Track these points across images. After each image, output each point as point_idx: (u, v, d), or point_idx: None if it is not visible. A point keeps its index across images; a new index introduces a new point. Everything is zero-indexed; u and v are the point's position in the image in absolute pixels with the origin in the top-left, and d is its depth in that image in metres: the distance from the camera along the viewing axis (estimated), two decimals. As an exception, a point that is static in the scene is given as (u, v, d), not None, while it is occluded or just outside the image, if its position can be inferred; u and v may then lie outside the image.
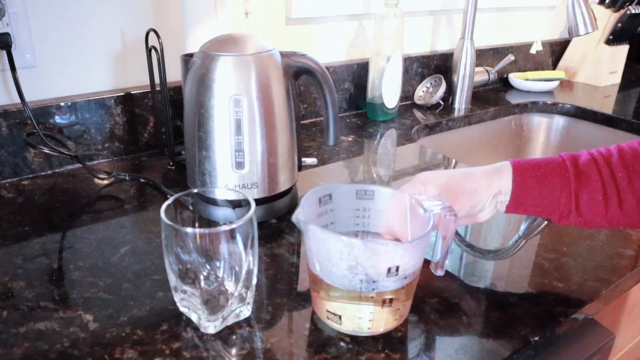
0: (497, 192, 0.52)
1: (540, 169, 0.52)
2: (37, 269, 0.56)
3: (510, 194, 0.52)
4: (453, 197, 0.51)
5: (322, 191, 0.50)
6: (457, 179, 0.53)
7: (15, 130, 0.75)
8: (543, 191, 0.51)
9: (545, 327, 0.49)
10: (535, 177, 0.52)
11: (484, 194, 0.52)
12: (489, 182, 0.52)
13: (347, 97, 1.12)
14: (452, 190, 0.52)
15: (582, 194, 0.50)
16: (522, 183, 0.52)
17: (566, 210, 0.51)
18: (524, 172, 0.52)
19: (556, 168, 0.52)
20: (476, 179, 0.53)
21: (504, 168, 0.53)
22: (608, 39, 1.40)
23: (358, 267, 0.43)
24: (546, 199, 0.51)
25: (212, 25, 0.76)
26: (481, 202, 0.52)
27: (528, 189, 0.52)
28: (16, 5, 0.73)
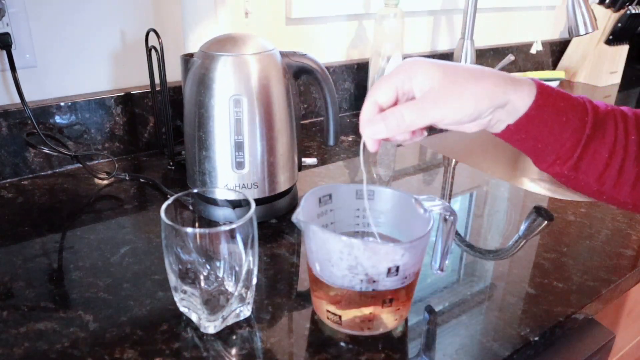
0: (502, 105, 0.43)
1: (563, 100, 0.44)
2: (37, 269, 0.56)
3: (519, 115, 0.43)
4: (444, 98, 0.41)
5: (322, 191, 0.50)
6: (459, 77, 0.42)
7: (15, 130, 0.75)
8: (555, 126, 0.43)
9: (545, 327, 0.49)
10: (555, 107, 0.43)
11: (487, 102, 0.42)
12: (502, 90, 0.42)
13: (347, 97, 1.12)
14: (447, 90, 0.42)
15: (591, 145, 0.43)
16: (540, 108, 0.43)
17: (565, 157, 0.44)
18: (547, 97, 0.43)
19: (578, 106, 0.44)
20: (484, 80, 0.42)
21: (525, 83, 0.43)
22: (608, 39, 1.40)
23: (358, 267, 0.43)
24: (553, 136, 0.44)
25: (212, 25, 0.76)
26: (479, 110, 0.42)
27: (542, 118, 0.43)
28: (16, 5, 0.73)
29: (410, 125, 0.42)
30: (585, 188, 0.46)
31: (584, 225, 0.68)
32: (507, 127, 0.44)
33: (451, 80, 0.41)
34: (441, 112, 0.41)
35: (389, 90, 0.43)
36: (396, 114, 0.42)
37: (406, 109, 0.42)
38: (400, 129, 0.42)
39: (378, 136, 0.43)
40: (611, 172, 0.44)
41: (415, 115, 0.41)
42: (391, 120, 0.42)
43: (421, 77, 0.42)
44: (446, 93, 0.41)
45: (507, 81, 0.42)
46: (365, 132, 0.43)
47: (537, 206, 0.73)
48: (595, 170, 0.44)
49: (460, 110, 0.41)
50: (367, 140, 0.44)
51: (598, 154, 0.44)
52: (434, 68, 0.42)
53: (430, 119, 0.42)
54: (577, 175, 0.45)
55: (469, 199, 0.77)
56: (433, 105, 0.41)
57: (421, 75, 0.42)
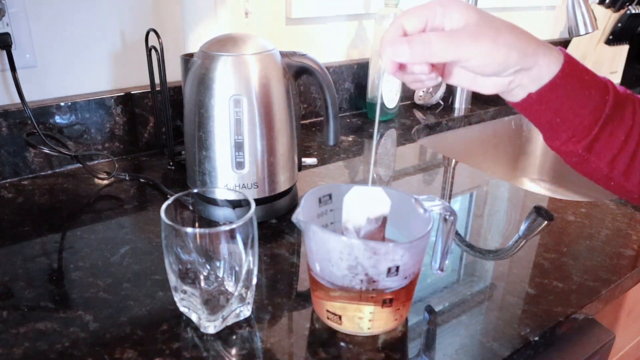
0: (529, 67, 0.41)
1: (588, 74, 0.42)
2: (37, 269, 0.56)
3: (543, 83, 0.41)
4: (478, 37, 0.39)
5: (322, 191, 0.50)
6: (496, 23, 0.40)
7: (15, 130, 0.75)
8: (577, 100, 0.41)
9: (545, 327, 0.49)
10: (580, 79, 0.42)
11: (517, 55, 0.40)
12: (534, 49, 0.40)
13: (347, 97, 1.12)
14: (482, 30, 0.39)
15: (609, 125, 0.42)
16: (566, 78, 0.41)
17: (581, 135, 0.42)
18: (574, 67, 0.42)
19: (600, 84, 0.42)
20: (519, 34, 0.40)
21: (554, 49, 0.42)
22: (608, 39, 1.40)
23: (358, 267, 0.43)
24: (573, 111, 0.42)
25: (212, 25, 0.76)
26: (507, 61, 0.40)
27: (566, 88, 0.41)
28: (16, 5, 0.73)
29: (435, 54, 0.39)
30: (595, 172, 0.45)
31: (584, 225, 0.68)
32: (528, 95, 0.43)
33: (488, 23, 0.39)
34: (471, 50, 0.39)
35: (419, 18, 0.40)
36: (424, 38, 0.39)
37: (436, 36, 0.39)
38: (425, 56, 0.39)
39: (399, 58, 0.40)
40: (624, 157, 0.43)
41: (445, 45, 0.39)
42: (417, 44, 0.39)
43: (457, 14, 0.39)
44: (482, 32, 0.39)
45: (539, 42, 0.41)
46: (387, 51, 0.40)
47: (537, 206, 0.73)
48: (609, 153, 0.43)
49: (490, 55, 0.39)
50: (386, 61, 0.41)
51: (614, 136, 0.42)
52: (471, 9, 0.40)
53: (459, 53, 0.39)
54: (590, 157, 0.43)
55: (469, 199, 0.77)
56: (465, 40, 0.39)
57: (457, 12, 0.39)
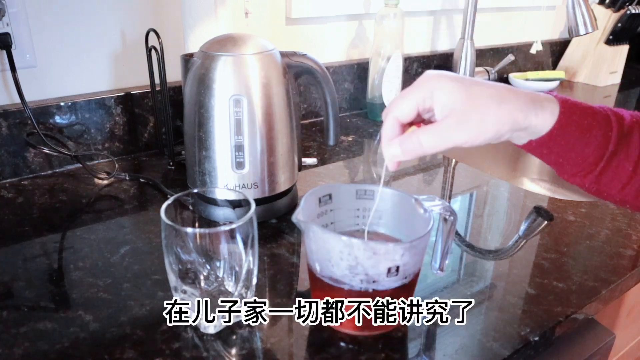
0: (524, 128, 0.42)
1: (587, 117, 0.43)
2: (37, 269, 0.56)
3: (541, 134, 0.43)
4: (465, 123, 0.41)
5: (322, 191, 0.50)
6: (482, 100, 0.41)
7: (15, 130, 0.75)
8: (578, 143, 0.43)
9: (545, 327, 0.49)
10: (579, 125, 0.42)
11: (507, 127, 0.41)
12: (525, 114, 0.41)
13: (347, 97, 1.12)
14: (468, 114, 0.40)
15: (614, 160, 0.43)
16: (563, 128, 0.42)
17: (587, 170, 0.44)
18: (571, 115, 0.42)
19: (602, 122, 0.43)
20: (507, 104, 0.41)
21: (547, 102, 0.43)
22: (608, 39, 1.40)
23: (358, 267, 0.43)
24: (576, 151, 0.43)
25: (212, 25, 0.76)
26: (499, 134, 0.41)
27: (565, 136, 0.43)
28: (16, 5, 0.73)
29: (427, 151, 0.42)
30: (608, 197, 0.46)
31: (584, 225, 0.68)
32: (529, 141, 0.44)
33: (473, 104, 0.41)
34: (461, 137, 0.41)
35: (410, 106, 0.43)
36: (414, 140, 0.42)
37: (424, 135, 0.42)
38: (417, 154, 0.43)
39: (396, 159, 0.44)
40: (635, 185, 0.44)
41: (434, 141, 0.41)
42: (408, 146, 0.43)
43: (443, 97, 0.41)
44: (467, 118, 0.40)
45: (529, 104, 0.42)
46: (385, 153, 0.44)
47: (537, 206, 0.73)
48: (618, 183, 0.44)
49: (480, 136, 0.41)
50: (387, 161, 0.45)
51: (622, 168, 0.43)
52: (457, 88, 0.41)
53: (449, 144, 0.41)
54: (599, 187, 0.45)
55: (469, 199, 0.77)
56: (453, 131, 0.41)
57: (443, 95, 0.41)
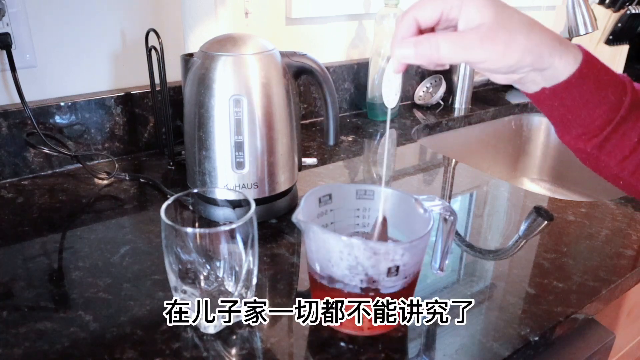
0: (544, 68, 0.40)
1: (607, 73, 0.41)
2: (37, 269, 0.56)
3: (559, 81, 0.40)
4: (490, 41, 0.38)
5: (322, 191, 0.50)
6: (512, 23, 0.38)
7: (15, 130, 0.75)
8: (592, 100, 0.41)
9: (545, 327, 0.49)
10: (597, 80, 0.40)
11: (531, 59, 0.39)
12: (550, 50, 0.39)
13: (347, 97, 1.12)
14: (496, 33, 0.38)
15: (622, 127, 0.41)
16: (583, 78, 0.40)
17: (592, 133, 0.42)
18: (592, 67, 0.41)
19: (618, 84, 0.41)
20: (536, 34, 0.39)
21: (572, 47, 0.40)
22: (608, 39, 1.40)
23: (358, 267, 0.43)
24: (587, 110, 0.41)
25: (212, 25, 0.76)
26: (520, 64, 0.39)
27: (582, 88, 0.40)
28: (16, 5, 0.73)
29: (443, 59, 0.39)
30: (604, 169, 0.44)
31: (584, 225, 0.68)
32: (541, 89, 0.42)
33: (503, 24, 0.38)
34: (482, 55, 0.38)
35: (434, 11, 0.39)
36: (432, 42, 0.38)
37: (445, 40, 0.38)
38: (432, 59, 0.39)
39: (406, 60, 0.40)
40: (635, 159, 0.42)
41: (453, 50, 0.38)
42: (424, 49, 0.39)
43: (473, 9, 0.38)
44: (494, 36, 0.38)
45: (556, 41, 0.39)
46: (395, 52, 0.40)
47: (537, 206, 0.73)
48: (620, 153, 0.42)
49: (502, 59, 0.38)
50: (393, 60, 0.41)
51: (626, 138, 0.42)
52: (488, 3, 0.38)
53: (468, 58, 0.39)
54: (599, 155, 0.43)
55: (469, 199, 0.77)
56: (476, 44, 0.38)
57: (473, 7, 0.38)
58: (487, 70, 0.40)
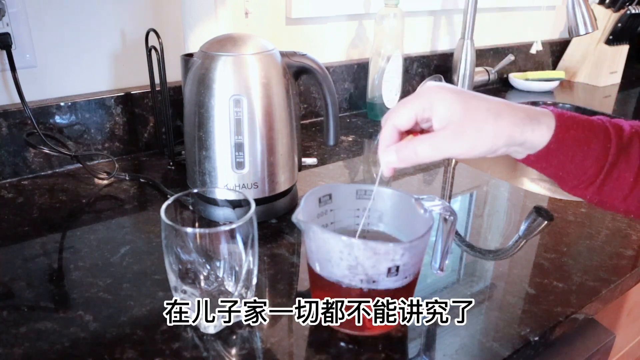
0: (520, 143, 0.43)
1: (584, 130, 0.43)
2: (37, 269, 0.56)
3: (538, 149, 0.43)
4: (461, 135, 0.41)
5: (322, 191, 0.50)
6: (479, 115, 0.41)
7: (15, 130, 0.75)
8: (577, 156, 0.43)
9: (545, 327, 0.49)
10: (576, 139, 0.43)
11: (503, 141, 0.42)
12: (520, 130, 0.42)
13: (347, 97, 1.12)
14: (465, 128, 0.41)
15: (614, 171, 0.43)
16: (560, 142, 0.43)
17: (587, 182, 0.44)
18: (568, 130, 0.43)
19: (600, 134, 0.43)
20: (503, 119, 0.42)
21: (544, 117, 0.43)
22: (608, 39, 1.40)
23: (358, 267, 0.43)
24: (575, 164, 0.43)
25: (212, 25, 0.76)
26: (494, 148, 0.42)
27: (562, 150, 0.43)
28: (16, 5, 0.73)
29: (422, 160, 0.43)
30: (612, 208, 0.46)
31: (584, 225, 0.68)
32: (527, 156, 0.45)
33: (470, 118, 0.41)
34: (455, 150, 0.42)
35: (408, 116, 0.44)
36: (410, 148, 0.43)
37: (420, 144, 0.43)
38: (412, 162, 0.44)
39: (392, 166, 0.45)
40: (637, 194, 0.44)
41: (429, 152, 0.42)
42: (404, 153, 0.43)
43: (442, 108, 0.42)
44: (463, 131, 0.41)
45: (525, 120, 0.42)
46: (381, 160, 0.45)
47: (537, 206, 0.73)
48: (620, 194, 0.44)
49: (475, 149, 0.42)
50: (383, 167, 0.45)
51: (622, 179, 0.44)
52: (456, 101, 0.42)
53: (444, 154, 0.43)
54: (602, 198, 0.45)
55: (469, 199, 0.77)
56: (448, 142, 0.42)
57: (442, 106, 0.42)
58: (468, 158, 0.44)
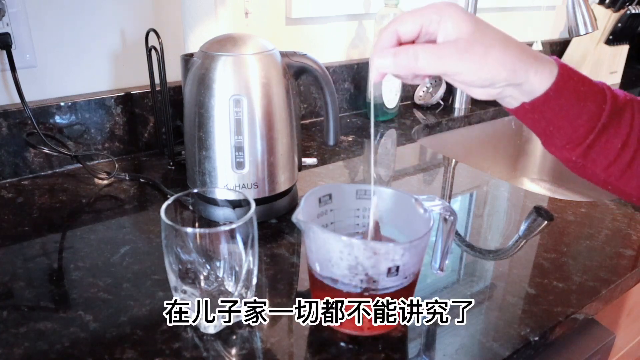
0: (519, 83, 0.41)
1: (584, 84, 0.42)
2: (37, 269, 0.56)
3: (536, 96, 0.41)
4: (467, 53, 0.39)
5: (322, 191, 0.50)
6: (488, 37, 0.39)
7: (15, 130, 0.75)
8: (572, 111, 0.41)
9: (545, 327, 0.49)
10: (575, 92, 0.41)
11: (505, 74, 0.40)
12: (525, 66, 0.40)
13: (347, 97, 1.12)
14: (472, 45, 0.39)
15: (604, 134, 0.42)
16: (560, 91, 0.41)
17: (576, 142, 0.43)
18: (568, 80, 0.41)
19: (597, 93, 0.42)
20: (511, 49, 0.40)
21: (547, 62, 0.42)
22: (608, 39, 1.40)
23: (358, 267, 0.43)
24: (567, 121, 0.42)
25: (212, 25, 0.76)
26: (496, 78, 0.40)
27: (559, 101, 0.41)
28: (16, 5, 0.73)
29: (420, 69, 0.39)
30: (592, 176, 0.45)
31: (584, 225, 0.68)
32: (521, 104, 0.43)
33: (479, 38, 0.39)
34: (458, 66, 0.39)
35: (414, 24, 0.40)
36: (410, 52, 0.39)
37: (423, 50, 0.39)
38: (409, 70, 0.40)
39: (384, 70, 0.41)
40: (620, 164, 0.43)
41: (430, 61, 0.39)
42: (402, 58, 0.40)
43: (450, 23, 0.39)
44: (470, 49, 0.39)
45: (531, 57, 0.41)
46: (374, 62, 0.41)
47: (537, 206, 0.73)
48: (605, 160, 0.43)
49: (477, 72, 0.39)
50: (372, 70, 0.42)
51: (610, 144, 0.42)
52: (466, 19, 0.39)
53: (444, 69, 0.39)
54: (585, 163, 0.44)
55: (469, 199, 0.77)
56: (453, 56, 0.39)
57: (451, 22, 0.39)
58: (464, 83, 0.41)
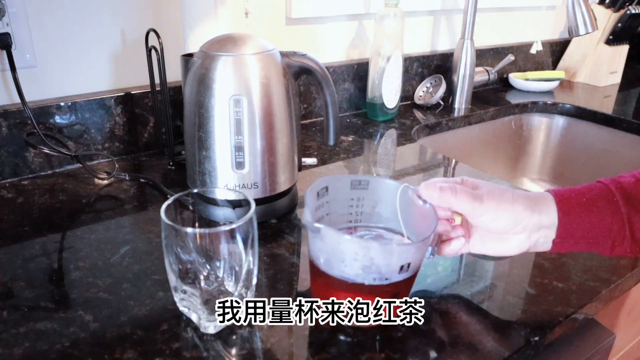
0: (538, 227, 0.47)
1: (584, 195, 0.47)
2: (37, 269, 0.56)
3: (556, 226, 0.47)
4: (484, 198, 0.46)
5: (319, 185, 0.50)
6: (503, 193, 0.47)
7: (15, 130, 0.75)
8: (592, 219, 0.46)
9: (545, 327, 0.49)
10: (581, 204, 0.46)
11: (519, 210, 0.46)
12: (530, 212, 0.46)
13: (347, 97, 1.12)
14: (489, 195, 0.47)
15: (635, 218, 0.45)
16: (568, 212, 0.46)
17: (619, 238, 0.46)
18: (568, 200, 0.47)
19: (601, 192, 0.47)
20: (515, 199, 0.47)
21: (544, 198, 0.47)
22: (608, 39, 1.40)
23: (372, 267, 0.43)
24: (596, 227, 0.46)
25: (212, 25, 0.76)
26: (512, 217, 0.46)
27: (576, 218, 0.46)
28: (16, 5, 0.73)
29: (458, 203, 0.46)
30: None
31: (584, 225, 0.68)
32: (553, 242, 0.48)
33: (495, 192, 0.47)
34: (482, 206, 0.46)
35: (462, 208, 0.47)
36: (452, 187, 0.47)
37: (461, 188, 0.47)
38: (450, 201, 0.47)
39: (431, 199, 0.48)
40: None
41: (465, 197, 0.46)
42: (447, 189, 0.47)
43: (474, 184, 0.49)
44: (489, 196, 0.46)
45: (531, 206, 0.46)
46: (422, 189, 0.48)
47: (537, 206, 0.73)
48: None
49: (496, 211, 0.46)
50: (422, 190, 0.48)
51: None
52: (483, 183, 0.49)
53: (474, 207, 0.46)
54: None
55: (469, 199, 0.77)
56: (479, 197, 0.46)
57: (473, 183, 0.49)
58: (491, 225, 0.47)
